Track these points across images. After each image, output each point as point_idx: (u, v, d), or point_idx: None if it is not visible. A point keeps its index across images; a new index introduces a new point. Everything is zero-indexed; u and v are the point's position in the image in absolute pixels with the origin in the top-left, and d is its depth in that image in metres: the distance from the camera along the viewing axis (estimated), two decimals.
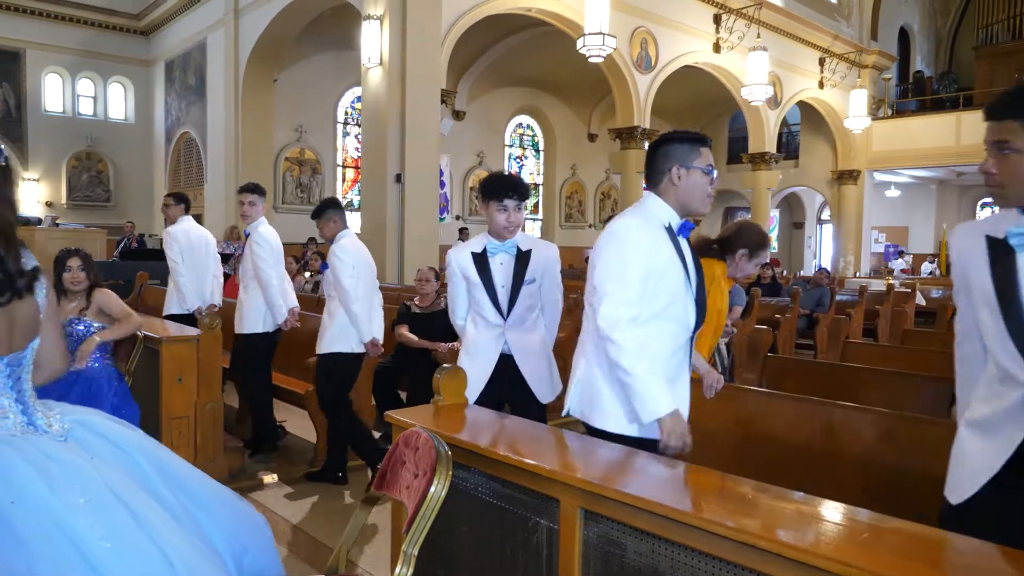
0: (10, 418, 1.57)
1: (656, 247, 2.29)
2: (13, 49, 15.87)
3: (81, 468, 1.55)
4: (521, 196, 3.12)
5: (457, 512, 2.18)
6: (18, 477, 1.45)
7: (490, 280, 3.11)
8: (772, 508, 1.71)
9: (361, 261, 4.31)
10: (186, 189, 16.43)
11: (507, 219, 3.09)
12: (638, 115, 14.06)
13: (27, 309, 1.59)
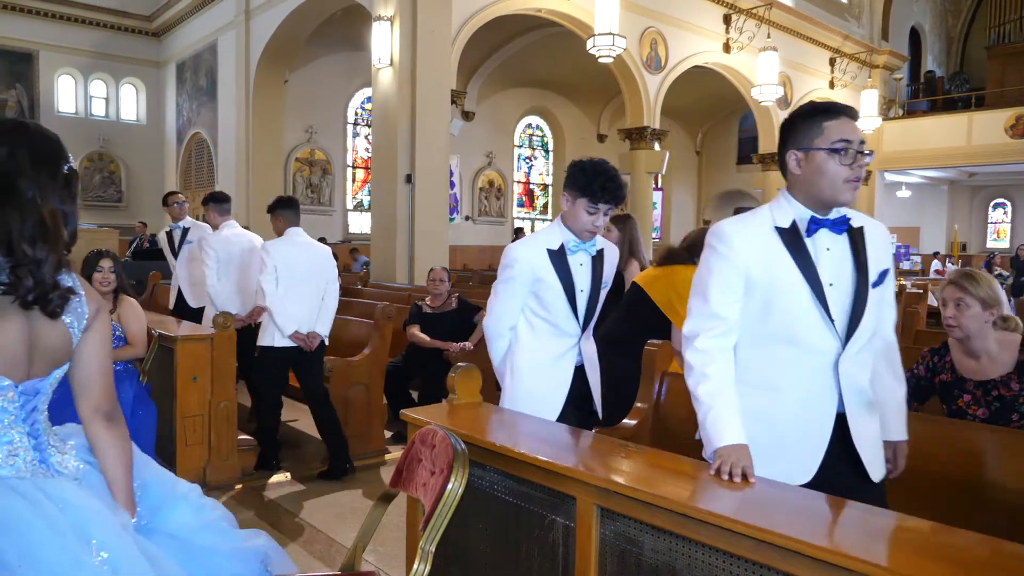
0: (19, 455, 1.42)
1: (755, 254, 1.91)
2: (26, 51, 16.00)
3: (98, 514, 1.42)
4: (620, 201, 2.71)
5: (473, 510, 2.18)
6: (26, 533, 1.31)
7: (570, 283, 2.69)
8: (793, 506, 1.71)
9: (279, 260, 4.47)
10: (197, 190, 16.53)
11: (595, 223, 2.67)
12: (648, 115, 14.04)
13: (55, 334, 1.45)
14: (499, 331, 2.78)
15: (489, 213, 18.94)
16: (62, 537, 1.33)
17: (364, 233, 16.00)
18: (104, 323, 1.56)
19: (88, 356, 1.52)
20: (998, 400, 2.67)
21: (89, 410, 1.54)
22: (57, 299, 1.41)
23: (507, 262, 2.70)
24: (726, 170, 22.60)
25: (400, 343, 5.63)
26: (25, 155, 1.41)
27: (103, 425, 1.55)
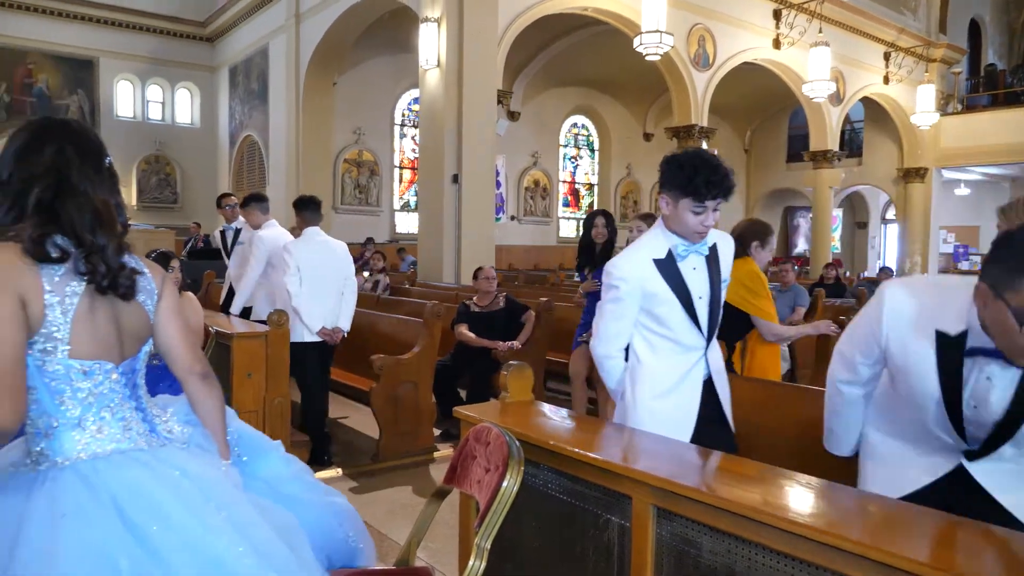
0: (133, 429, 1.51)
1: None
2: (87, 58, 16.56)
3: (214, 480, 1.51)
4: (729, 193, 2.37)
5: (526, 508, 2.18)
6: (155, 499, 1.40)
7: (685, 292, 2.39)
8: (851, 509, 1.67)
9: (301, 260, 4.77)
10: (249, 190, 16.89)
11: (703, 222, 2.36)
12: (695, 113, 13.87)
13: (135, 314, 1.56)
14: (608, 353, 2.51)
15: (534, 213, 18.93)
16: (186, 500, 1.42)
17: (411, 233, 16.14)
18: (171, 292, 1.67)
19: (165, 326, 1.63)
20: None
21: (183, 372, 1.67)
22: (126, 280, 1.49)
23: (611, 281, 2.44)
24: (775, 168, 22.19)
25: (448, 342, 5.66)
26: (72, 151, 1.49)
27: (198, 382, 1.68)
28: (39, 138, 1.49)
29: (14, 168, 1.46)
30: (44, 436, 1.44)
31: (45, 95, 16.13)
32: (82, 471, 1.40)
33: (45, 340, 1.40)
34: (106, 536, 1.32)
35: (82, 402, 1.45)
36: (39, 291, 1.39)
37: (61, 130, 1.52)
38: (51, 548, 1.26)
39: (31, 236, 1.40)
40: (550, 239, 19.40)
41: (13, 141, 1.49)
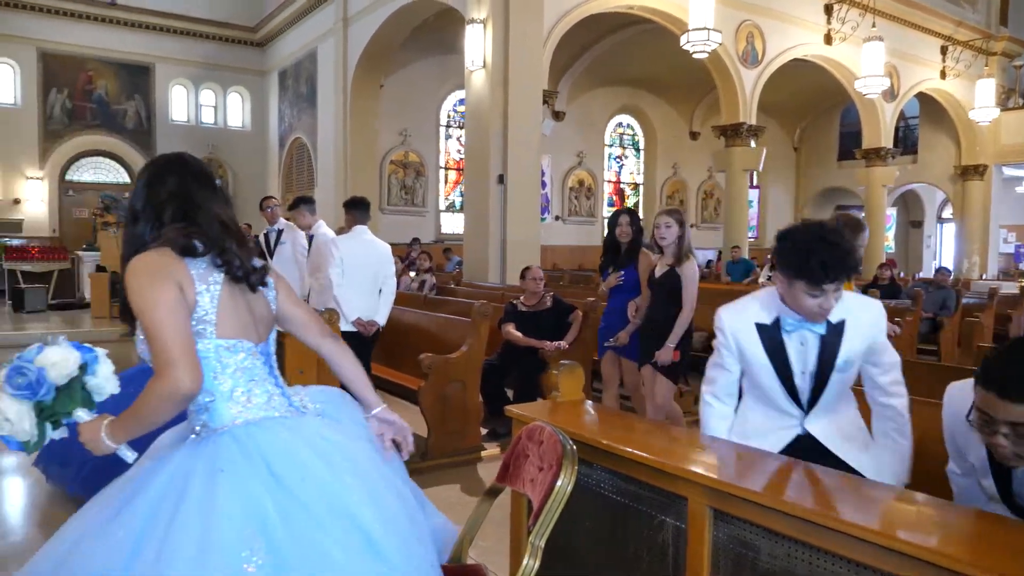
0: (275, 400, 1.68)
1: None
2: (144, 64, 17.06)
3: (347, 447, 1.68)
4: (849, 276, 2.14)
5: (579, 507, 2.17)
6: (298, 457, 1.56)
7: (785, 365, 2.21)
8: (916, 514, 1.62)
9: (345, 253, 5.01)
10: (298, 192, 17.20)
11: (820, 305, 2.12)
12: (744, 111, 13.66)
13: (263, 304, 1.77)
14: (704, 395, 2.39)
15: (579, 213, 18.87)
16: (325, 458, 1.59)
17: (456, 233, 16.24)
18: (284, 282, 1.89)
19: (293, 307, 1.89)
20: None
21: (318, 337, 1.92)
22: (256, 276, 1.73)
23: (715, 325, 2.36)
24: (826, 167, 21.72)
25: (495, 342, 5.68)
26: (190, 178, 1.73)
27: (332, 343, 1.94)
28: (161, 171, 1.72)
29: (146, 198, 1.69)
30: (204, 410, 1.64)
31: (104, 101, 16.66)
32: (236, 434, 1.59)
33: (197, 323, 1.60)
34: (256, 487, 1.49)
35: (232, 376, 1.64)
36: (191, 281, 1.60)
37: (178, 163, 1.75)
38: (210, 497, 1.45)
39: (177, 236, 1.61)
40: (595, 239, 19.29)
41: (141, 178, 1.73)
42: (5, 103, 15.72)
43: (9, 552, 3.30)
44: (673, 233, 4.23)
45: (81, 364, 1.64)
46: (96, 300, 10.77)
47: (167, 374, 1.49)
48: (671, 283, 4.23)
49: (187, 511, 1.44)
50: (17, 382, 1.55)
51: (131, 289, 1.55)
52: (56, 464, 3.80)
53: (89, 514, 1.55)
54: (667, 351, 4.17)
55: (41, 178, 16.05)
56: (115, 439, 1.58)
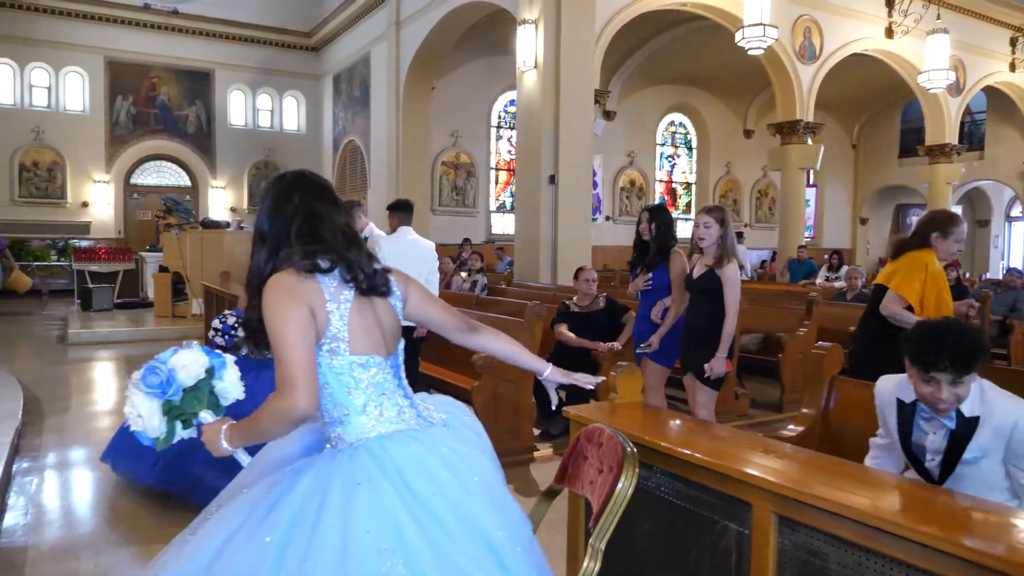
0: (405, 413, 1.74)
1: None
2: (205, 70, 17.57)
3: (473, 458, 1.73)
4: (965, 367, 2.00)
5: (638, 510, 2.15)
6: (430, 470, 1.61)
7: (920, 447, 2.20)
8: (998, 526, 1.55)
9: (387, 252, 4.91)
10: (351, 194, 17.48)
11: (934, 395, 2.05)
12: (800, 108, 13.35)
13: (390, 314, 1.81)
14: (866, 460, 2.44)
15: (630, 213, 18.70)
16: (454, 471, 1.64)
17: (507, 234, 16.27)
18: (416, 283, 1.93)
19: (424, 307, 1.92)
20: None
21: (464, 330, 1.97)
22: (381, 281, 1.78)
23: (874, 390, 2.39)
24: (886, 164, 21.07)
25: (548, 342, 5.66)
26: (313, 193, 1.78)
27: (477, 333, 1.99)
28: (286, 190, 1.78)
29: (273, 216, 1.75)
30: (339, 423, 1.69)
31: (167, 106, 17.20)
32: (371, 448, 1.64)
33: (331, 341, 1.66)
34: (394, 501, 1.54)
35: (364, 391, 1.69)
36: (322, 301, 1.66)
37: (300, 180, 1.80)
38: (348, 508, 1.50)
39: (302, 255, 1.67)
40: None
41: (266, 198, 1.79)
42: (75, 110, 16.37)
43: (80, 542, 3.43)
44: (713, 233, 3.90)
45: (208, 368, 1.72)
46: (159, 299, 11.11)
47: (286, 394, 1.55)
48: (710, 285, 3.91)
49: (328, 521, 1.49)
50: (150, 380, 1.64)
51: (265, 306, 1.62)
52: (128, 457, 3.92)
53: (232, 519, 1.59)
54: (719, 362, 3.84)
55: (108, 182, 16.66)
56: (232, 443, 1.67)
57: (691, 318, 4.05)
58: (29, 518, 3.71)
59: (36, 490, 4.14)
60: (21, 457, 4.64)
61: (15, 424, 4.87)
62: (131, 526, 3.61)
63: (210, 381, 1.73)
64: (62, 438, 5.14)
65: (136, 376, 1.66)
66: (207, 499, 3.65)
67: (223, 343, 4.08)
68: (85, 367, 8.09)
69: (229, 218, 15.22)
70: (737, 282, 3.89)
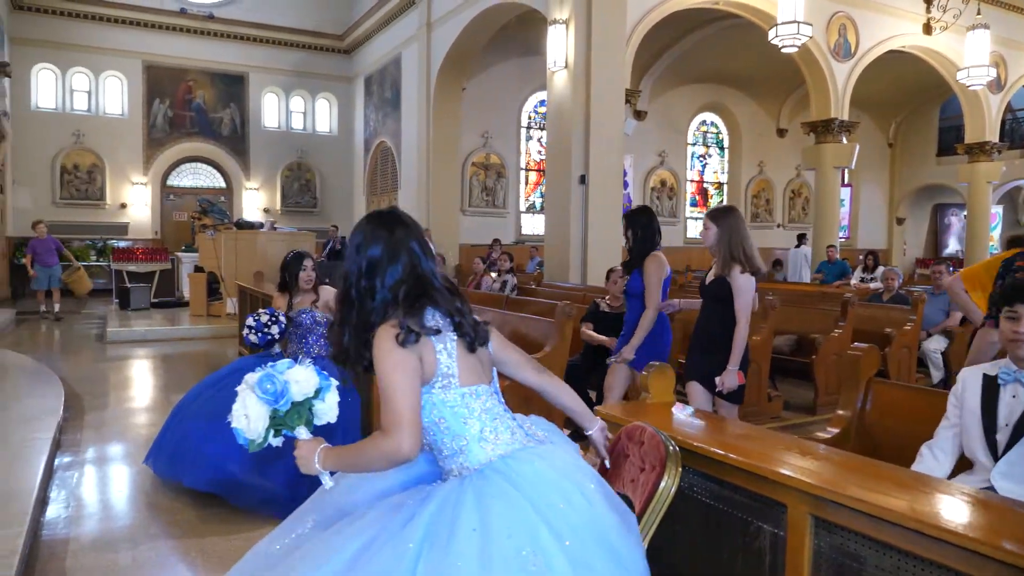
0: (517, 433, 1.81)
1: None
2: (239, 73, 17.83)
3: (584, 467, 1.81)
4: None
5: (671, 510, 2.13)
6: (554, 481, 1.69)
7: (992, 414, 2.22)
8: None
9: None
10: (382, 195, 17.63)
11: (1016, 332, 2.17)
12: (835, 106, 13.15)
13: (484, 352, 1.91)
14: (921, 448, 2.39)
15: (661, 213, 18.59)
16: (573, 479, 1.71)
17: (536, 234, 16.27)
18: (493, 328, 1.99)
19: (503, 351, 2.00)
20: None
21: (532, 374, 2.07)
22: (483, 332, 1.86)
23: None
24: (924, 163, 20.65)
25: (579, 342, 5.65)
26: (415, 246, 1.83)
27: (546, 377, 2.10)
28: (393, 247, 1.80)
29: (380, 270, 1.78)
30: (459, 453, 1.76)
31: (202, 109, 17.50)
32: (498, 468, 1.72)
33: (443, 379, 1.74)
34: (526, 509, 1.61)
35: (478, 418, 1.77)
36: (431, 348, 1.74)
37: (404, 234, 1.83)
38: (486, 517, 1.58)
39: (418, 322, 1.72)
40: (677, 240, 18.97)
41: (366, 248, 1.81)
42: (114, 114, 16.73)
43: (118, 535, 3.50)
44: (711, 236, 3.62)
45: (316, 389, 1.77)
46: (194, 299, 11.30)
47: (393, 436, 1.63)
48: (721, 293, 3.62)
49: (465, 528, 1.57)
50: (265, 387, 1.70)
51: (376, 353, 1.69)
52: (169, 460, 4.01)
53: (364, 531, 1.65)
54: (731, 375, 3.55)
55: (145, 183, 16.99)
56: (323, 465, 1.74)
57: (702, 325, 3.79)
58: (70, 511, 3.80)
59: (77, 484, 4.24)
60: (63, 452, 4.76)
61: (57, 420, 5.00)
62: (169, 520, 3.68)
63: (312, 400, 1.79)
64: (101, 434, 5.26)
65: (252, 379, 1.73)
66: (245, 502, 3.72)
67: (257, 340, 4.15)
68: (123, 365, 8.26)
69: (262, 219, 15.43)
70: (748, 291, 3.59)
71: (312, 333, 4.25)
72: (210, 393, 4.11)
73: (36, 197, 15.88)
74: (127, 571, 3.12)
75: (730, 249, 3.57)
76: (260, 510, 3.66)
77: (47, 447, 4.34)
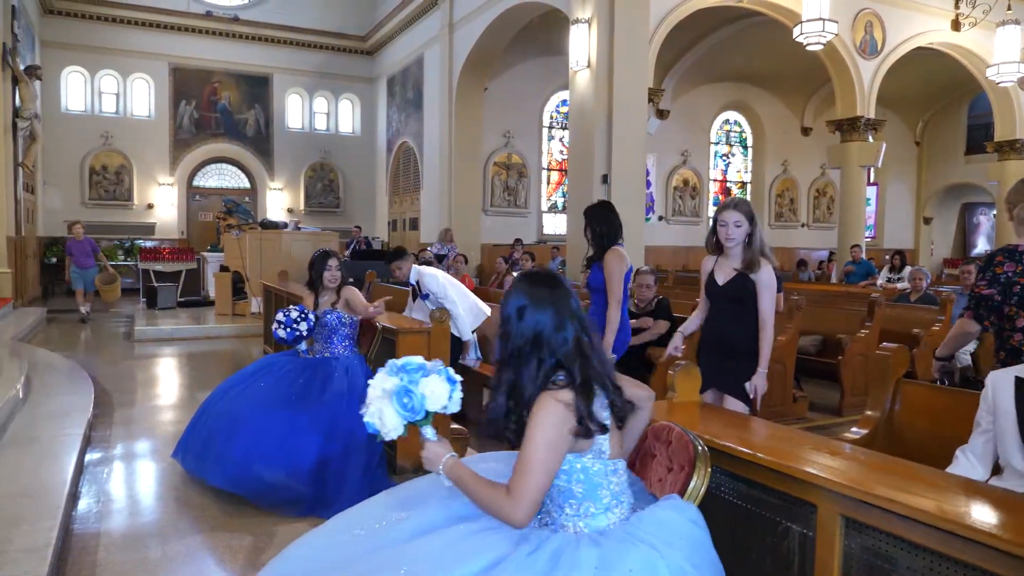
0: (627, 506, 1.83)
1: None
2: (263, 75, 18.02)
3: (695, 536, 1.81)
4: None
5: None
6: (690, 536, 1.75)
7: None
8: None
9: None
10: (404, 195, 17.70)
11: None
12: (861, 104, 13.00)
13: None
14: (956, 453, 2.34)
15: (683, 213, 18.49)
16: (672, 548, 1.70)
17: (558, 234, 16.25)
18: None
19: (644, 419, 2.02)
20: None
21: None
22: (629, 408, 1.84)
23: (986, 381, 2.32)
24: (952, 161, 20.32)
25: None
26: (580, 323, 1.80)
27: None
28: (560, 316, 1.78)
29: (550, 343, 1.76)
30: (583, 517, 1.78)
31: (228, 110, 17.70)
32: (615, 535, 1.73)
33: (596, 452, 1.76)
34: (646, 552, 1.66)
35: (611, 491, 1.79)
36: None
37: (564, 291, 1.81)
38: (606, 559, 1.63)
39: (583, 406, 1.71)
40: (698, 239, 18.84)
41: (533, 314, 1.78)
42: (141, 115, 16.99)
43: (148, 530, 3.55)
44: (741, 233, 3.26)
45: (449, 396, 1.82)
46: (220, 298, 11.43)
47: (514, 505, 1.68)
48: (742, 293, 3.31)
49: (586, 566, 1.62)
50: (403, 401, 1.76)
51: (536, 416, 1.70)
52: (196, 457, 4.07)
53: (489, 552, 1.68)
54: (762, 377, 3.29)
55: (171, 184, 17.23)
56: (446, 473, 1.80)
57: (719, 328, 3.41)
58: (100, 506, 3.86)
59: (106, 479, 4.31)
60: (92, 448, 4.83)
61: (87, 416, 5.08)
62: (197, 515, 3.72)
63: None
64: (130, 430, 5.34)
65: (389, 387, 1.77)
66: (269, 502, 3.75)
67: (285, 336, 4.20)
68: (150, 363, 8.38)
69: (286, 219, 15.57)
70: (775, 287, 3.33)
71: (337, 333, 4.28)
72: (237, 391, 4.15)
73: (66, 198, 16.16)
74: (157, 565, 3.17)
75: (761, 245, 3.29)
76: (285, 510, 3.69)
77: (78, 443, 4.41)
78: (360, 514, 1.97)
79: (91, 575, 3.06)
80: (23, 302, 12.09)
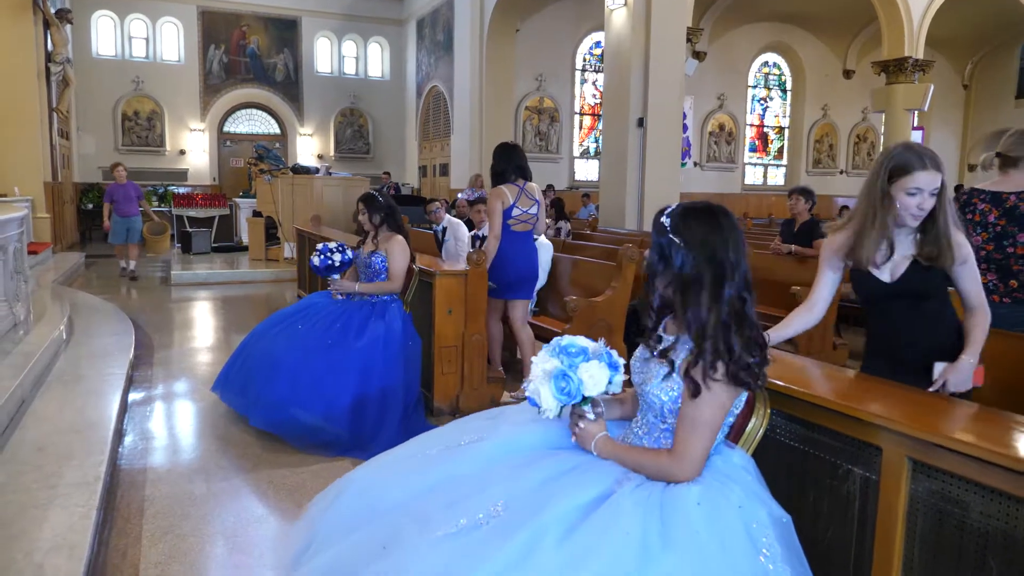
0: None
1: None
2: (292, 18, 17.77)
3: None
4: None
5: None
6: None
7: None
8: None
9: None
10: (435, 140, 17.51)
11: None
12: (909, 44, 12.47)
13: None
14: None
15: (718, 159, 18.11)
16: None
17: (590, 180, 16.03)
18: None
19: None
20: None
21: None
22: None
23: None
24: (1002, 105, 19.55)
25: (640, 286, 5.56)
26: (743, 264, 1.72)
27: None
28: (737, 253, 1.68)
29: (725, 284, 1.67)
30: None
31: (257, 55, 17.54)
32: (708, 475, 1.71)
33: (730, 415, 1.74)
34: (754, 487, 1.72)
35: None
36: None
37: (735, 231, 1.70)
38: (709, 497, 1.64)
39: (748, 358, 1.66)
40: (734, 186, 18.49)
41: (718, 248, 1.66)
42: (171, 60, 16.90)
43: (192, 466, 3.61)
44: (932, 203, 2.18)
45: (608, 380, 1.77)
46: (253, 243, 11.49)
47: (681, 467, 1.67)
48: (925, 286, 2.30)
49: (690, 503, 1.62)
50: (560, 385, 1.71)
51: (706, 393, 1.65)
52: (234, 392, 4.13)
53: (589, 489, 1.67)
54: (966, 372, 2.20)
55: (202, 130, 17.23)
56: (597, 451, 1.77)
57: (903, 339, 2.35)
58: (145, 443, 3.93)
59: (149, 418, 4.38)
60: (135, 387, 4.91)
61: (128, 357, 5.15)
62: (238, 453, 3.77)
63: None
64: (169, 371, 5.42)
65: (549, 367, 1.72)
66: (305, 443, 3.79)
67: (318, 263, 4.28)
68: (187, 306, 8.49)
69: (317, 164, 15.52)
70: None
71: (380, 277, 4.24)
72: (276, 331, 4.17)
73: (99, 144, 16.25)
74: (202, 500, 3.22)
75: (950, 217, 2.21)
76: (322, 452, 3.73)
77: (121, 382, 4.48)
78: (428, 437, 1.95)
79: (140, 508, 3.12)
80: (62, 247, 12.28)
